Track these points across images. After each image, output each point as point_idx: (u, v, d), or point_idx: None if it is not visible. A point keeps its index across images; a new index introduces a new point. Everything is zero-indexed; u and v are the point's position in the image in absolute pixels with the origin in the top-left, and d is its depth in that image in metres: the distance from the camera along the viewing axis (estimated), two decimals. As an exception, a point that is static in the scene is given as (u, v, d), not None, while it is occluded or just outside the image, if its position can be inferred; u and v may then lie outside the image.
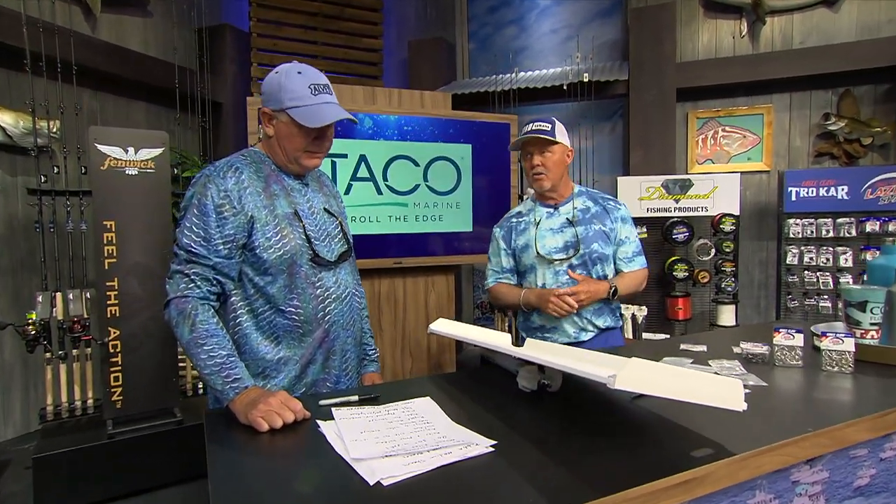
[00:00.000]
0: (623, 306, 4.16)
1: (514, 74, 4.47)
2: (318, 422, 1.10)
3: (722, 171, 4.51)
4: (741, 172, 4.55)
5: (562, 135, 1.93)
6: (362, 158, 3.17)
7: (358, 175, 3.17)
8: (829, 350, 1.43)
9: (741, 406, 0.97)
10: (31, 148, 2.89)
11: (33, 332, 2.57)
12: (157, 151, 2.89)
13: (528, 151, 1.93)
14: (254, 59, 4.84)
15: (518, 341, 1.35)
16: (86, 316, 2.77)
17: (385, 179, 3.24)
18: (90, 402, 2.88)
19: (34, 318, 2.65)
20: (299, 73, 1.42)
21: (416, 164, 3.30)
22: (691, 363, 1.52)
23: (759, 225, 4.58)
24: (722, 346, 1.74)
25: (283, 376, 1.43)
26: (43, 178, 2.80)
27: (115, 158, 2.78)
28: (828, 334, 1.44)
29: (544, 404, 1.24)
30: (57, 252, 2.85)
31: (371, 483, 0.85)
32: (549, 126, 1.91)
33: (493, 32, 5.53)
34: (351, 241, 1.63)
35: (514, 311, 2.05)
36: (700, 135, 4.69)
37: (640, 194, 4.16)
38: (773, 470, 1.02)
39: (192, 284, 1.32)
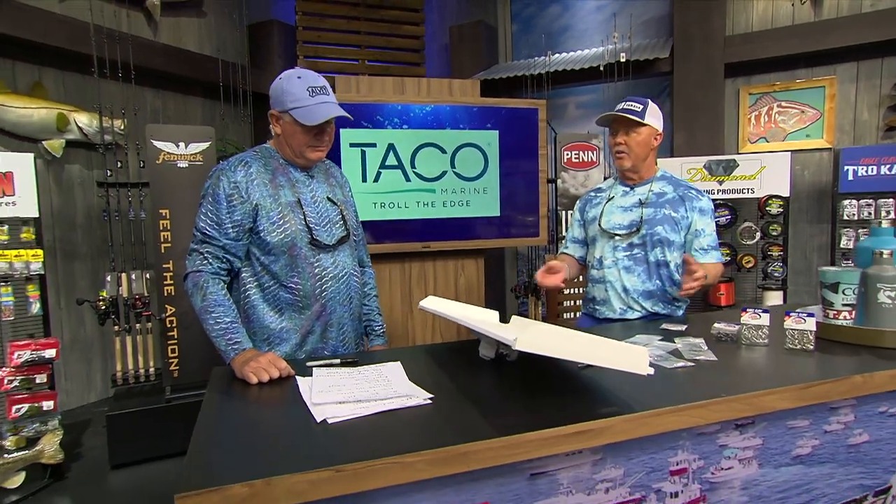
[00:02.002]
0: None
1: (547, 58, 4.53)
2: (298, 378, 1.35)
3: (777, 149, 4.38)
4: (798, 151, 4.41)
5: (652, 117, 1.97)
6: (391, 147, 3.40)
7: (387, 163, 3.40)
8: (792, 329, 1.51)
9: (646, 371, 1.12)
10: (98, 144, 3.34)
11: (103, 308, 3.02)
12: (205, 145, 3.26)
13: (615, 129, 1.99)
14: (299, 51, 5.18)
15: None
16: (146, 294, 3.21)
17: (413, 167, 3.45)
18: (151, 370, 3.33)
19: (104, 295, 3.11)
20: (299, 77, 1.65)
21: (444, 152, 3.49)
22: (659, 340, 1.64)
23: (819, 207, 4.42)
24: (706, 327, 1.83)
25: (285, 344, 1.69)
26: (109, 172, 3.24)
27: (168, 153, 3.18)
28: (791, 314, 1.52)
29: (497, 370, 1.43)
30: (122, 237, 3.29)
31: (318, 420, 1.08)
32: (641, 107, 1.95)
33: (537, 13, 5.58)
34: (352, 227, 1.86)
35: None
36: (753, 112, 4.56)
37: (681, 176, 4.13)
38: (681, 428, 1.15)
39: (206, 261, 1.60)
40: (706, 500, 1.24)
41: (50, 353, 2.86)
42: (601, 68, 4.32)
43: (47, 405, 2.89)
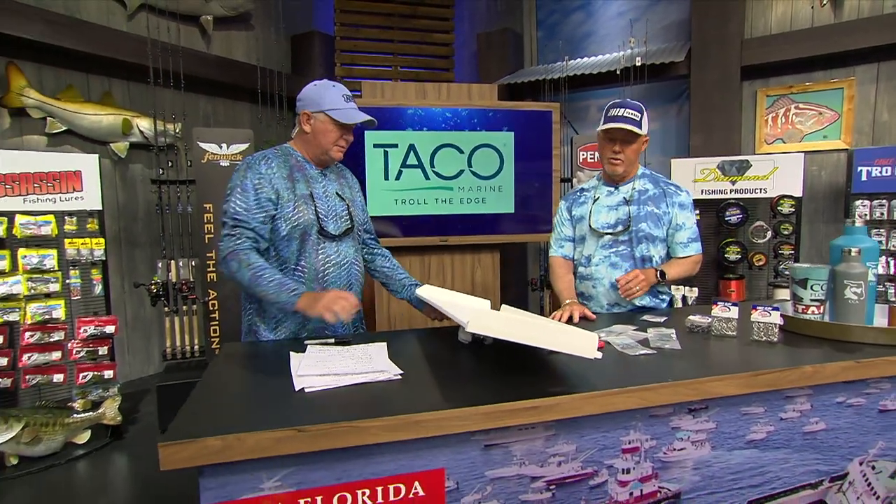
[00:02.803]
0: (673, 287, 4.11)
1: (564, 63, 4.49)
2: (292, 353, 1.44)
3: (793, 150, 4.22)
4: (815, 152, 4.24)
5: (646, 124, 1.93)
6: (411, 147, 3.47)
7: (407, 162, 3.48)
8: (758, 322, 1.50)
9: (593, 354, 1.15)
10: (151, 145, 3.54)
11: (155, 291, 3.23)
12: (244, 146, 3.42)
13: (612, 137, 1.92)
14: (337, 59, 5.30)
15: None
16: (192, 280, 3.40)
17: (432, 166, 3.52)
18: (196, 347, 3.53)
19: (156, 279, 3.31)
20: (334, 86, 1.81)
21: (461, 152, 3.54)
22: (634, 329, 1.65)
23: (835, 207, 4.24)
24: (684, 319, 1.82)
25: (291, 322, 1.79)
26: (161, 171, 3.44)
27: (211, 153, 3.35)
28: (758, 307, 1.51)
29: (473, 353, 1.48)
30: (171, 229, 3.49)
31: (297, 389, 1.16)
32: (639, 116, 1.89)
33: (561, 20, 5.53)
34: (358, 222, 1.96)
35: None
36: (770, 113, 4.41)
37: (694, 176, 4.05)
38: (632, 409, 1.17)
39: (240, 241, 1.68)
40: (658, 477, 1.27)
41: (110, 328, 3.08)
42: (617, 72, 4.25)
43: (108, 374, 3.13)
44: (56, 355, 2.99)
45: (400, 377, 1.24)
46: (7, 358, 2.91)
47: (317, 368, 1.28)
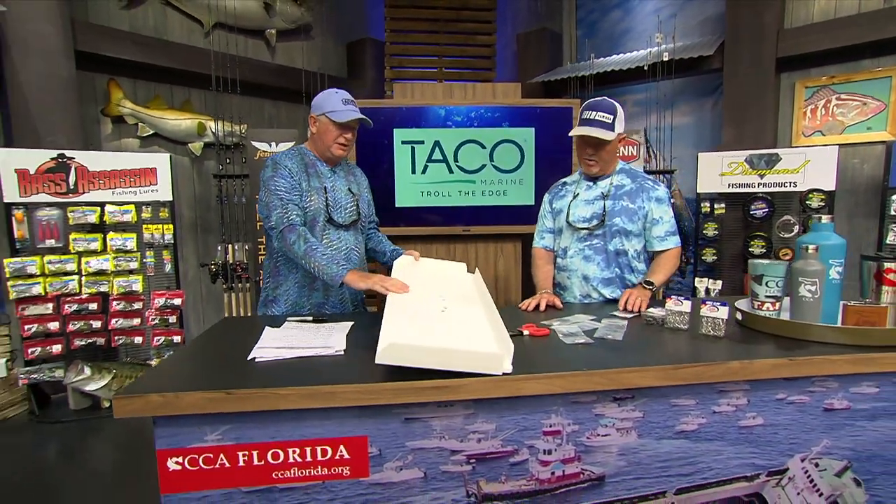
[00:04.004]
0: (696, 279, 3.87)
1: (590, 61, 4.30)
2: (267, 328, 1.52)
3: (833, 143, 3.80)
4: (856, 144, 3.81)
5: (620, 123, 1.81)
6: (436, 143, 3.49)
7: (433, 157, 3.50)
8: (706, 316, 1.40)
9: (499, 371, 1.11)
10: (218, 145, 3.80)
11: (214, 270, 3.49)
12: (290, 144, 3.59)
13: (585, 141, 1.83)
14: (387, 63, 5.37)
15: None
16: (245, 261, 3.64)
17: (456, 160, 3.52)
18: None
19: (216, 261, 3.58)
20: (336, 92, 1.90)
21: (483, 147, 3.51)
22: (590, 319, 1.60)
23: (875, 201, 3.78)
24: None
25: (294, 293, 1.89)
26: (221, 167, 3.69)
27: (262, 150, 3.54)
28: (707, 302, 1.41)
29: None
30: (229, 217, 3.74)
31: (248, 359, 1.24)
32: (611, 118, 1.78)
33: (600, 18, 5.28)
34: (364, 214, 2.03)
35: None
36: (808, 105, 3.99)
37: (721, 170, 3.77)
38: (538, 394, 1.15)
39: (293, 214, 1.78)
40: (581, 459, 1.24)
41: (177, 301, 3.38)
42: (645, 68, 4.01)
43: (177, 339, 3.43)
44: (136, 321, 3.32)
45: (341, 353, 1.29)
46: (100, 321, 3.28)
47: (277, 342, 1.36)
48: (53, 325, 3.17)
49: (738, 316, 1.51)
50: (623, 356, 1.27)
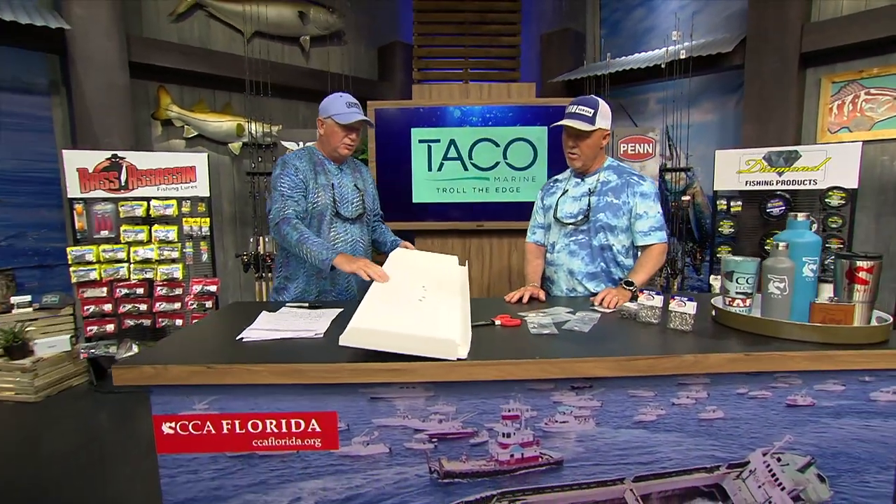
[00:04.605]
0: (712, 277, 3.73)
1: (607, 60, 4.20)
2: (263, 311, 1.61)
3: (862, 139, 3.57)
4: (886, 140, 3.56)
5: (602, 118, 1.80)
6: (452, 142, 3.52)
7: (448, 155, 3.53)
8: (675, 311, 1.38)
9: (453, 356, 1.15)
10: (248, 143, 3.97)
11: (247, 260, 3.67)
12: (314, 143, 3.70)
13: (568, 133, 1.84)
14: (415, 65, 5.43)
15: None
16: (274, 252, 3.79)
17: (470, 158, 3.53)
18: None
19: (248, 252, 3.75)
20: (340, 96, 1.97)
21: (497, 145, 3.51)
22: (567, 312, 1.60)
23: (909, 199, 3.54)
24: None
25: (303, 281, 1.98)
26: (253, 165, 3.85)
27: (290, 149, 3.67)
28: (676, 297, 1.39)
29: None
30: (260, 211, 3.90)
31: (236, 339, 1.33)
32: (591, 112, 1.78)
33: (623, 17, 5.14)
34: (369, 209, 2.11)
35: None
36: (835, 101, 3.76)
37: (739, 167, 3.61)
38: (495, 380, 1.17)
39: (290, 209, 1.87)
40: (540, 444, 1.25)
41: (213, 287, 3.57)
42: (662, 66, 3.88)
43: (213, 323, 3.62)
44: (177, 305, 3.54)
45: (320, 336, 1.35)
46: (146, 304, 3.51)
47: (268, 324, 1.44)
48: (107, 307, 3.42)
49: (713, 312, 1.47)
50: (582, 347, 1.27)
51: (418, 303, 1.46)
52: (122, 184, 3.43)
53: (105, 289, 3.40)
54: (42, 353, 3.44)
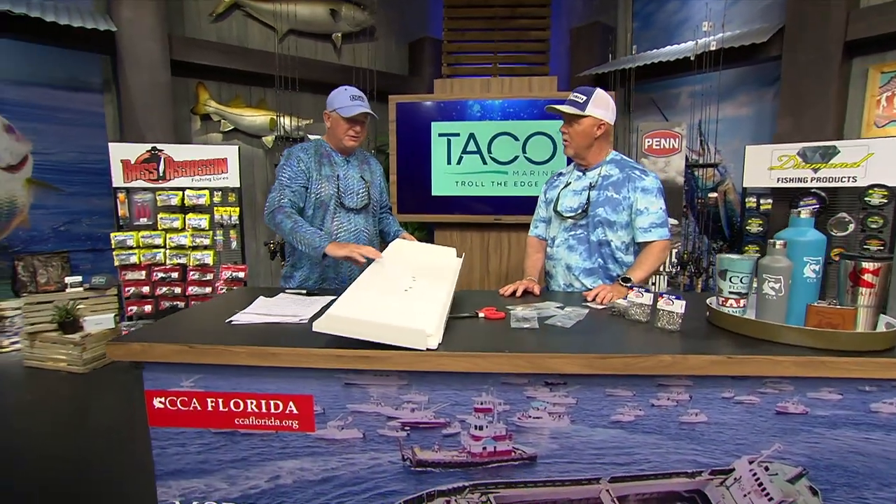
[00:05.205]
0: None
1: (633, 54, 4.01)
2: (261, 296, 1.64)
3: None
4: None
5: (597, 107, 1.75)
6: (471, 136, 3.48)
7: (467, 149, 3.50)
8: (662, 310, 1.31)
9: (423, 346, 1.13)
10: (280, 137, 4.07)
11: (273, 248, 3.77)
12: (341, 138, 3.74)
13: (563, 119, 1.83)
14: (444, 60, 5.39)
15: None
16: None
17: (489, 152, 3.48)
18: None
19: (275, 240, 3.86)
20: (345, 89, 1.98)
21: (516, 139, 3.44)
22: (556, 307, 1.54)
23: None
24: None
25: (307, 269, 2.01)
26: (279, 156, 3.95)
27: (316, 144, 3.73)
28: (664, 295, 1.31)
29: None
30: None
31: (226, 322, 1.36)
32: (584, 98, 1.75)
33: (656, 9, 4.91)
34: (375, 200, 2.11)
35: None
36: (884, 92, 3.45)
37: (770, 164, 3.39)
38: (466, 371, 1.14)
39: (286, 199, 1.91)
40: (513, 438, 1.22)
41: (241, 273, 3.69)
42: (692, 59, 3.68)
43: (242, 307, 3.75)
44: (208, 290, 3.68)
45: (305, 321, 1.37)
46: (180, 288, 3.68)
47: (262, 309, 1.47)
48: (145, 289, 3.60)
49: (707, 312, 1.39)
50: (558, 342, 1.22)
51: (403, 293, 1.45)
52: (161, 174, 3.59)
53: (144, 272, 3.58)
54: (90, 329, 3.67)
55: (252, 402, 1.23)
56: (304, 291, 1.76)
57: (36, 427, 2.73)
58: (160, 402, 1.25)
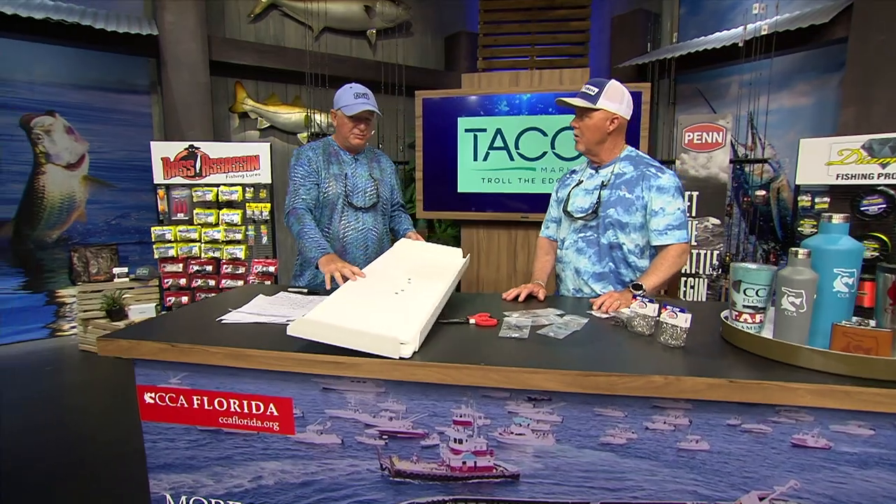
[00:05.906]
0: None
1: (673, 42, 3.75)
2: (260, 294, 1.65)
3: None
4: None
5: (609, 100, 1.63)
6: (498, 131, 3.38)
7: (494, 145, 3.40)
8: (665, 323, 1.19)
9: (395, 355, 1.08)
10: (317, 134, 4.14)
11: (302, 244, 3.85)
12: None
13: (576, 112, 1.72)
14: (480, 54, 5.29)
15: None
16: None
17: (517, 148, 3.37)
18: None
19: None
20: (350, 87, 1.97)
21: (545, 135, 3.31)
22: (556, 315, 1.45)
23: None
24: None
25: (315, 270, 2.01)
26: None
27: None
28: (667, 307, 1.19)
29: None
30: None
31: (216, 320, 1.37)
32: (595, 91, 1.64)
33: (706, -8, 4.58)
34: (384, 198, 2.10)
35: None
36: (970, 77, 3.04)
37: (829, 158, 3.07)
38: (441, 383, 1.08)
39: (299, 200, 1.93)
40: (494, 454, 1.15)
41: (272, 268, 3.79)
42: (740, 45, 3.40)
43: (272, 300, 3.85)
44: (240, 283, 3.81)
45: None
46: (214, 280, 3.83)
47: (255, 308, 1.47)
48: (182, 281, 3.77)
49: (721, 328, 1.25)
50: (542, 355, 1.14)
51: (393, 296, 1.41)
52: (197, 171, 3.74)
53: (181, 265, 3.75)
54: (134, 318, 3.90)
55: (235, 402, 1.24)
56: (305, 290, 1.76)
57: (89, 406, 2.93)
58: (150, 397, 1.28)
